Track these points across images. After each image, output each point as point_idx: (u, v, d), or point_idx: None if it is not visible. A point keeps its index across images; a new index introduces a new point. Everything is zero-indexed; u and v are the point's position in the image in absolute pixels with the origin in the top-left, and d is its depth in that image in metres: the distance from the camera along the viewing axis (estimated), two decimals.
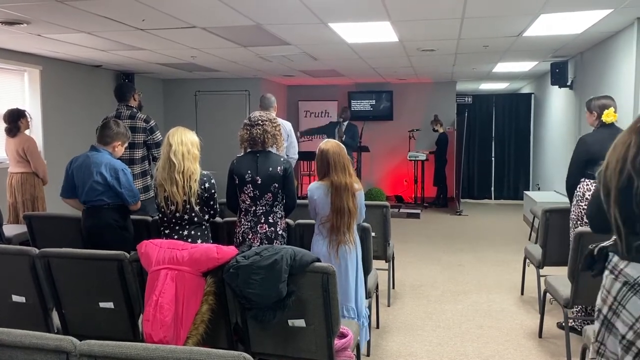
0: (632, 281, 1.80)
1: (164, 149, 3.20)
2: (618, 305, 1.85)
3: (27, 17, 4.60)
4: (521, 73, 9.58)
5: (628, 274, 1.82)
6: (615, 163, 1.82)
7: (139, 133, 4.90)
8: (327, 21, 4.89)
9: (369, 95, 11.05)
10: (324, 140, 3.46)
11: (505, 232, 7.98)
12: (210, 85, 9.98)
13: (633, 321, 1.80)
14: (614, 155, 1.85)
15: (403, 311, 4.63)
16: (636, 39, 5.05)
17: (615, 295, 1.86)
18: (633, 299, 1.80)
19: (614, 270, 1.88)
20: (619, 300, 1.84)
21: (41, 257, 2.99)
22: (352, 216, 3.32)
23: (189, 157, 3.15)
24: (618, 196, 1.81)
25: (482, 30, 5.47)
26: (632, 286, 1.81)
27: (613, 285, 1.87)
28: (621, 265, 1.85)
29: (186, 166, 3.13)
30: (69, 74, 7.41)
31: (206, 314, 2.66)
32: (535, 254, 4.55)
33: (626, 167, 1.78)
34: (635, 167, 1.77)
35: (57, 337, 1.78)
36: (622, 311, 1.84)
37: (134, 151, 4.88)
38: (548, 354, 3.77)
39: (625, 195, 1.80)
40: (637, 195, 1.76)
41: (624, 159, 1.80)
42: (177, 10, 4.44)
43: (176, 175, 3.12)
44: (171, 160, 3.12)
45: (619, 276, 1.85)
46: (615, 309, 1.86)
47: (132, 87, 5.20)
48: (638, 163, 1.76)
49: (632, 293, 1.81)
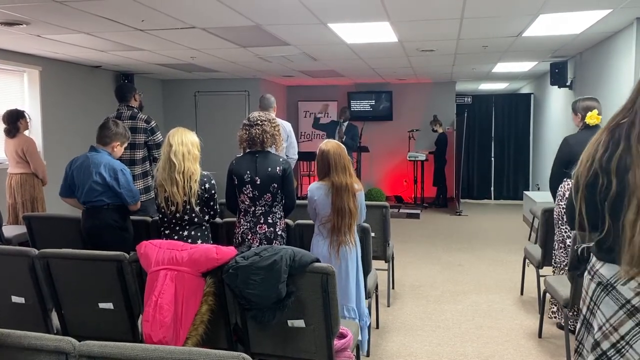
0: (605, 282, 1.83)
1: (164, 149, 3.21)
2: (594, 305, 1.88)
3: (27, 18, 4.60)
4: (521, 73, 9.59)
5: (602, 274, 1.84)
6: (585, 160, 1.85)
7: (140, 134, 4.89)
8: (326, 21, 4.89)
9: (368, 96, 11.05)
10: (325, 141, 3.46)
11: (504, 232, 7.99)
12: (210, 85, 9.98)
13: (604, 321, 1.82)
14: (585, 153, 1.88)
15: (403, 311, 4.64)
16: (635, 39, 5.05)
17: (592, 295, 1.89)
18: (606, 299, 1.83)
19: (591, 271, 1.90)
20: (594, 300, 1.87)
21: (40, 258, 2.99)
22: (352, 217, 3.32)
23: (189, 157, 3.16)
24: (584, 192, 1.84)
25: (481, 31, 5.47)
26: (605, 287, 1.83)
27: (589, 285, 1.90)
28: (597, 266, 1.87)
29: (186, 166, 3.14)
30: (69, 75, 7.41)
31: (206, 314, 2.66)
32: (535, 254, 4.55)
33: (594, 165, 1.81)
34: (602, 165, 1.79)
35: (56, 338, 1.78)
36: (597, 311, 1.86)
37: (134, 152, 4.87)
38: (548, 354, 3.77)
39: (591, 191, 1.83)
40: (601, 192, 1.78)
41: (592, 157, 1.83)
42: (177, 11, 4.44)
43: (176, 176, 3.12)
44: (171, 160, 3.13)
45: (594, 277, 1.88)
46: (592, 309, 1.89)
47: (133, 87, 5.19)
48: (604, 161, 1.79)
49: (604, 293, 1.83)
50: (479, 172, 11.45)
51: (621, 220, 1.74)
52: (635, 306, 1.76)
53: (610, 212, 1.78)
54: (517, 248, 6.11)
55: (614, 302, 1.80)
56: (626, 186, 1.73)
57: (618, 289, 1.79)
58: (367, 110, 11.02)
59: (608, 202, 1.78)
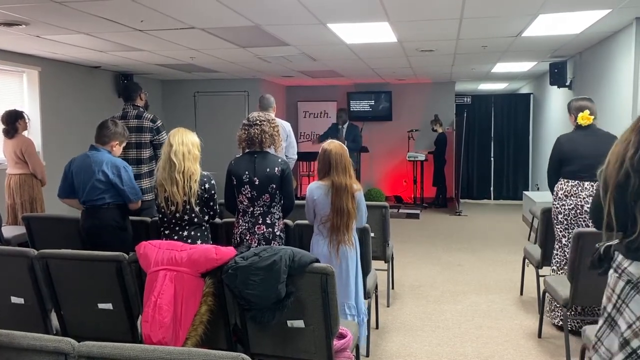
0: (635, 280, 1.83)
1: (165, 149, 3.23)
2: (622, 303, 1.88)
3: (26, 19, 4.60)
4: (520, 73, 9.59)
5: (631, 272, 1.84)
6: (615, 161, 1.85)
7: (146, 133, 4.88)
8: (325, 22, 4.89)
9: (368, 96, 11.05)
10: (328, 141, 3.49)
11: (504, 233, 7.99)
12: (209, 86, 9.98)
13: (634, 320, 1.81)
14: (614, 153, 1.87)
15: (402, 311, 4.63)
16: (635, 38, 5.05)
17: (619, 293, 1.89)
18: (636, 297, 1.83)
19: (618, 269, 1.90)
20: (623, 298, 1.87)
21: (39, 259, 2.98)
22: (350, 217, 3.35)
23: (189, 157, 3.17)
24: (614, 193, 1.83)
25: (480, 31, 5.47)
26: (635, 285, 1.83)
27: (617, 283, 1.90)
28: (625, 264, 1.87)
29: (186, 166, 3.15)
30: (68, 75, 7.40)
31: (205, 314, 2.65)
32: (535, 254, 4.55)
33: (624, 165, 1.80)
34: (633, 164, 1.79)
35: (55, 339, 1.78)
36: (625, 309, 1.86)
37: (141, 151, 4.87)
38: (547, 354, 3.77)
39: (621, 192, 1.82)
40: (633, 193, 1.78)
41: (622, 157, 1.83)
42: (176, 11, 4.44)
43: (176, 175, 3.13)
44: (172, 160, 3.14)
45: (622, 275, 1.87)
46: (619, 307, 1.89)
47: (139, 86, 5.16)
48: (636, 161, 1.78)
49: (634, 291, 1.83)
50: (478, 172, 11.45)
51: None
52: None
53: None
54: (517, 248, 6.11)
55: None
56: None
57: None
58: (367, 111, 11.02)
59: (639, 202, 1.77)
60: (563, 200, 4.01)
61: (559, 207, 4.05)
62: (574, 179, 3.97)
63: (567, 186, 4.00)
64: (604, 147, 2.05)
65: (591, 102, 4.06)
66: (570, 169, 3.99)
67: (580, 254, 3.40)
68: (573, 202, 3.96)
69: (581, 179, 3.93)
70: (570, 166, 3.99)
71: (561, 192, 4.02)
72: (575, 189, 3.96)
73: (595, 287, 2.60)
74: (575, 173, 3.95)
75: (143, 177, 4.84)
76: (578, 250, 3.42)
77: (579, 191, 3.94)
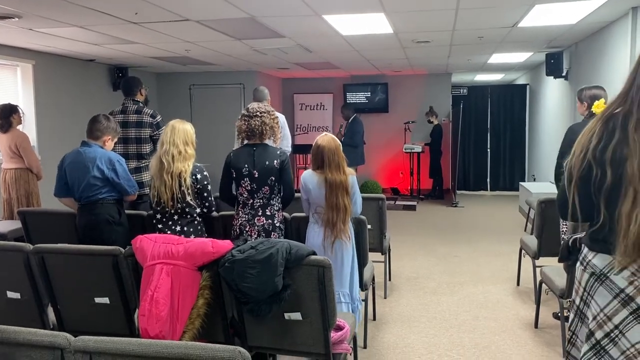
0: (599, 272, 1.83)
1: (158, 145, 3.35)
2: (587, 295, 1.88)
3: (18, 11, 4.55)
4: (516, 64, 9.57)
5: (595, 264, 1.85)
6: (579, 151, 1.84)
7: (146, 128, 4.87)
8: (321, 13, 4.86)
9: (364, 88, 11.02)
10: (322, 134, 3.49)
11: (501, 224, 8.00)
12: (205, 78, 9.93)
13: (598, 311, 1.83)
14: (578, 143, 1.86)
15: (399, 303, 4.65)
16: (631, 28, 5.04)
17: (585, 286, 1.89)
18: (599, 289, 1.83)
19: (584, 261, 1.91)
20: (588, 290, 1.88)
21: (35, 253, 2.97)
22: (347, 212, 3.36)
23: (179, 157, 3.29)
24: (578, 183, 1.83)
25: (476, 21, 5.45)
26: (598, 277, 1.84)
27: (582, 276, 1.91)
28: (589, 257, 1.87)
29: (176, 167, 3.27)
30: (62, 69, 7.36)
31: (202, 308, 2.65)
32: (531, 245, 4.56)
33: (587, 156, 1.79)
34: (595, 156, 1.78)
35: (51, 334, 1.77)
36: (591, 301, 1.87)
37: (141, 146, 4.86)
38: (544, 344, 3.79)
39: (585, 183, 1.81)
40: (596, 183, 1.77)
41: (586, 148, 1.81)
42: (170, 3, 4.41)
43: (165, 176, 3.27)
44: (161, 160, 3.27)
45: (587, 267, 1.88)
46: (585, 300, 1.90)
47: (140, 81, 5.12)
48: (598, 152, 1.77)
49: (598, 283, 1.84)
50: (475, 164, 11.46)
51: (617, 211, 1.74)
52: (629, 295, 1.76)
53: (606, 203, 1.77)
54: (514, 239, 6.12)
55: (608, 291, 1.81)
56: (622, 177, 1.72)
57: (612, 278, 1.80)
58: (363, 102, 10.99)
59: (603, 193, 1.77)
60: None
61: None
62: None
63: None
64: None
65: (604, 91, 3.99)
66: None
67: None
68: None
69: None
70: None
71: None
72: None
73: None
74: None
75: (143, 171, 4.85)
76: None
77: None
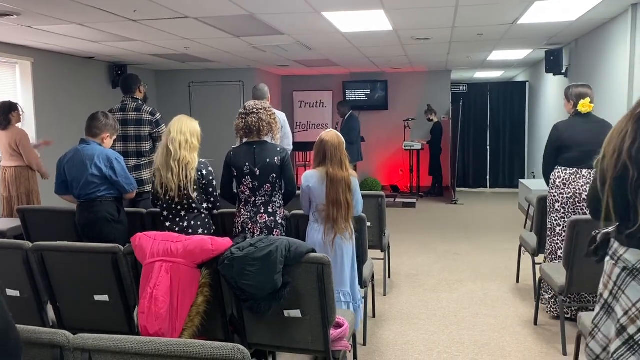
0: (631, 266, 1.84)
1: (164, 136, 3.32)
2: (618, 290, 1.89)
3: (17, 9, 4.54)
4: (516, 61, 9.56)
5: (627, 259, 1.85)
6: (612, 153, 1.83)
7: (145, 125, 4.86)
8: (320, 10, 4.85)
9: (363, 85, 11.01)
10: (327, 130, 3.50)
11: (500, 221, 8.01)
12: (204, 76, 9.92)
13: (630, 306, 1.83)
14: (610, 145, 1.85)
15: (399, 300, 4.65)
16: (630, 25, 5.03)
17: (615, 280, 1.90)
18: (632, 284, 1.84)
19: (614, 256, 1.91)
20: (619, 285, 1.89)
21: (35, 251, 2.97)
22: (349, 209, 3.35)
23: (186, 146, 3.25)
24: (613, 185, 1.82)
25: (476, 18, 5.44)
26: (630, 271, 1.84)
27: (613, 270, 1.91)
28: (621, 251, 1.88)
29: (182, 155, 3.22)
30: (61, 66, 7.34)
31: (202, 305, 2.65)
32: (531, 242, 4.56)
33: (622, 157, 1.79)
34: (631, 156, 1.77)
35: (50, 332, 1.77)
36: (622, 296, 1.88)
37: (141, 143, 4.85)
38: (543, 341, 3.79)
39: (620, 184, 1.81)
40: (632, 185, 1.77)
41: (620, 149, 1.81)
42: (168, 1, 4.39)
43: (172, 163, 3.22)
44: (168, 147, 3.22)
45: (618, 262, 1.89)
46: (615, 294, 1.90)
47: (138, 79, 5.11)
48: (634, 152, 1.77)
49: (630, 278, 1.84)
50: (474, 161, 11.45)
51: None
52: None
53: None
54: (513, 236, 6.13)
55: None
56: None
57: None
58: (363, 100, 10.98)
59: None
60: (561, 189, 4.00)
61: (556, 195, 4.04)
62: (572, 167, 3.95)
63: (565, 174, 3.98)
64: (601, 135, 2.04)
65: (590, 89, 4.03)
66: (568, 156, 3.97)
67: (576, 241, 3.41)
68: (571, 190, 3.95)
69: (579, 166, 3.92)
70: (569, 153, 3.96)
71: (559, 180, 4.00)
72: (574, 177, 3.94)
73: (591, 275, 2.61)
74: (574, 160, 3.93)
75: (143, 168, 4.84)
76: (573, 237, 3.43)
77: (577, 179, 3.93)
